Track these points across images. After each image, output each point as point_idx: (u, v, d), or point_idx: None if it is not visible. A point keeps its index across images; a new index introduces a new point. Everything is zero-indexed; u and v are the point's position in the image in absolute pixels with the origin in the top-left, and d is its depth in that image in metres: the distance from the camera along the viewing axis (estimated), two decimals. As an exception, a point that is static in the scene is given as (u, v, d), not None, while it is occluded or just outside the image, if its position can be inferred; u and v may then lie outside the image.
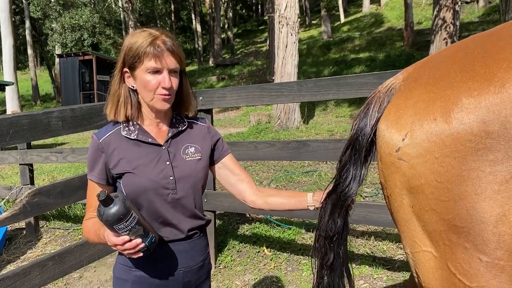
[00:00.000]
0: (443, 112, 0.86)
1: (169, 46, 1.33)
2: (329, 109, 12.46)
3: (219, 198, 3.21)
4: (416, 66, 1.07)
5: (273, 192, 1.55)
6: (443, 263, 0.89)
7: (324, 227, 1.25)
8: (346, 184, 1.16)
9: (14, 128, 1.98)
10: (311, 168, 5.85)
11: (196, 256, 1.49)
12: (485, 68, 0.85)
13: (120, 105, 1.40)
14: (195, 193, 1.47)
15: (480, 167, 0.80)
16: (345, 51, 20.05)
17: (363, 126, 1.10)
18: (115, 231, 1.17)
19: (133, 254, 1.22)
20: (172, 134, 1.45)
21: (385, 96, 1.07)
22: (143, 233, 1.22)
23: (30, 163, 4.67)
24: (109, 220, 1.14)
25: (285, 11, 8.83)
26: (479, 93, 0.83)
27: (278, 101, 2.87)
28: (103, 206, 1.15)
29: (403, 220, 0.99)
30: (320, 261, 1.29)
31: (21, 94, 21.15)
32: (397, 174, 0.96)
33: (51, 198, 2.29)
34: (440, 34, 10.33)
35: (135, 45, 1.32)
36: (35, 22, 31.97)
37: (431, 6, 16.42)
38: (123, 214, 1.15)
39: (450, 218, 0.85)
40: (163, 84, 1.32)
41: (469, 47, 0.96)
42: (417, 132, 0.90)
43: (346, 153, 1.16)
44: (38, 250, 4.42)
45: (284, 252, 3.50)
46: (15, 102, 15.45)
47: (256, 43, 35.12)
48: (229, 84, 20.60)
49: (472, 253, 0.83)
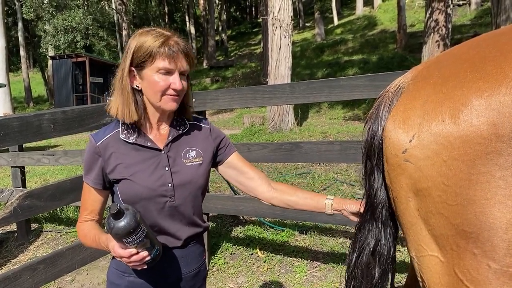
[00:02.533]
0: (452, 113, 0.83)
1: (183, 47, 1.30)
2: (323, 111, 12.50)
3: (212, 200, 3.20)
4: (426, 65, 1.03)
5: (290, 191, 1.48)
6: (450, 269, 0.86)
7: (363, 241, 1.16)
8: (375, 191, 1.10)
9: (4, 130, 1.96)
10: (304, 170, 5.86)
11: (191, 263, 1.46)
12: (496, 68, 0.81)
13: (129, 105, 1.32)
14: (194, 200, 1.43)
15: (490, 171, 0.77)
16: (338, 53, 20.13)
17: (376, 129, 1.06)
18: (122, 243, 1.15)
19: (138, 266, 1.20)
20: (173, 138, 1.40)
21: (394, 95, 1.03)
22: (150, 246, 1.20)
23: (22, 166, 4.64)
24: (119, 234, 1.13)
25: (279, 13, 8.85)
26: (489, 94, 0.79)
27: (271, 103, 2.87)
28: (114, 219, 1.13)
29: (408, 223, 0.96)
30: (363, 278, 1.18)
31: (14, 96, 20.98)
32: (403, 176, 0.93)
33: (42, 201, 2.28)
34: (433, 37, 10.41)
35: (146, 43, 1.27)
36: (27, 23, 31.78)
37: (423, 8, 16.52)
38: (133, 228, 1.13)
39: (458, 223, 0.82)
40: (173, 86, 1.29)
41: (481, 45, 0.92)
42: (425, 133, 0.87)
43: (367, 161, 1.11)
44: (30, 253, 4.38)
45: (277, 254, 3.50)
46: (7, 104, 15.34)
47: (250, 45, 35.16)
48: (223, 86, 20.60)
49: (481, 260, 0.80)
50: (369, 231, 1.14)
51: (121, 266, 1.39)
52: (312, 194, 1.46)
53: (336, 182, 5.11)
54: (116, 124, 1.39)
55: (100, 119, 2.48)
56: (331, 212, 1.40)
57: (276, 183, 1.53)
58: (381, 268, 1.13)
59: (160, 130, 1.42)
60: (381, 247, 1.12)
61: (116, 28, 33.30)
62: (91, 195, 1.39)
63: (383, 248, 1.12)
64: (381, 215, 1.11)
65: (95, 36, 30.74)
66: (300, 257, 3.40)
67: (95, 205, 1.40)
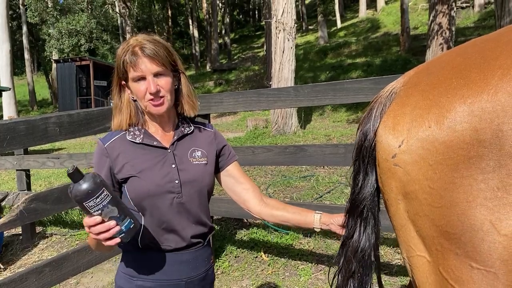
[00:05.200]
0: (437, 119, 0.87)
1: (148, 51, 1.30)
2: (326, 114, 12.50)
3: (216, 203, 3.20)
4: (417, 70, 1.07)
5: (280, 206, 1.51)
6: (435, 268, 0.90)
7: (350, 240, 1.20)
8: (360, 190, 1.14)
9: (11, 133, 1.97)
10: (308, 172, 5.86)
11: (199, 267, 1.46)
12: (480, 75, 0.84)
13: (122, 115, 1.40)
14: (200, 198, 1.44)
15: (472, 174, 0.80)
16: (341, 56, 20.13)
17: (367, 131, 1.10)
18: (86, 211, 1.11)
19: (108, 240, 1.14)
20: (178, 137, 1.43)
21: (387, 100, 1.07)
22: (117, 215, 1.14)
23: (27, 169, 4.66)
24: (78, 196, 1.09)
25: (282, 16, 8.87)
26: (472, 101, 0.82)
27: (275, 106, 2.88)
28: (73, 181, 1.09)
29: (399, 225, 1.00)
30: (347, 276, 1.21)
31: (18, 100, 21.09)
32: (393, 179, 0.97)
33: (48, 204, 2.29)
34: (436, 39, 10.40)
35: (118, 57, 1.34)
36: (32, 27, 31.97)
37: (427, 11, 16.50)
38: (91, 189, 1.09)
39: (442, 224, 0.85)
40: (148, 90, 1.31)
41: (468, 52, 0.95)
42: (413, 139, 0.91)
43: (356, 161, 1.15)
44: (35, 256, 4.40)
45: (282, 258, 3.50)
46: (11, 108, 15.43)
47: (253, 48, 35.24)
48: (226, 89, 20.64)
49: (463, 260, 0.83)
50: (351, 228, 1.19)
51: (129, 270, 1.40)
52: (301, 209, 1.48)
53: (340, 185, 5.11)
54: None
55: (105, 122, 2.49)
56: (319, 226, 1.41)
57: (268, 198, 1.56)
58: (361, 264, 1.17)
59: (165, 131, 1.45)
60: (359, 242, 1.17)
61: (120, 31, 33.47)
62: None
63: (362, 243, 1.17)
64: (362, 213, 1.16)
65: (99, 40, 30.85)
66: (305, 260, 3.40)
67: None
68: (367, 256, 1.17)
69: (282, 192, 5.19)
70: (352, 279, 1.19)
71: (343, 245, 1.22)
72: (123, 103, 1.41)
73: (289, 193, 5.11)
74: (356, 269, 1.18)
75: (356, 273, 1.18)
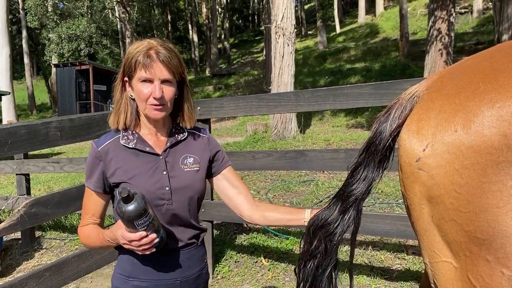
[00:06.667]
0: (464, 124, 0.85)
1: (163, 57, 1.32)
2: (326, 118, 12.52)
3: (216, 208, 3.20)
4: (441, 75, 1.06)
5: (271, 207, 1.53)
6: (463, 275, 0.87)
7: (326, 225, 1.22)
8: (354, 182, 1.15)
9: (12, 138, 1.97)
10: (308, 177, 5.86)
11: (193, 266, 1.50)
12: (508, 79, 0.83)
13: (120, 112, 1.42)
14: (191, 205, 1.46)
15: (501, 180, 0.79)
16: (340, 61, 20.19)
17: (382, 131, 1.10)
18: (133, 227, 1.20)
19: (147, 250, 1.25)
20: (171, 144, 1.45)
21: (408, 103, 1.07)
22: (157, 228, 1.26)
23: (26, 173, 4.65)
24: (131, 217, 1.17)
25: (282, 21, 8.90)
26: (501, 106, 0.81)
27: (275, 111, 2.89)
28: (124, 203, 1.17)
29: (422, 229, 0.98)
30: (310, 262, 1.24)
31: (17, 104, 21.09)
32: (416, 184, 0.95)
33: (48, 208, 2.29)
34: (435, 45, 10.43)
35: (130, 55, 1.35)
36: (32, 32, 32.01)
37: (426, 16, 16.59)
38: (144, 209, 1.18)
39: (471, 230, 0.83)
40: (153, 94, 1.32)
41: (494, 56, 0.94)
42: (438, 143, 0.89)
43: (361, 155, 1.16)
44: (34, 261, 4.39)
45: (282, 262, 3.49)
46: (11, 112, 15.42)
47: (253, 53, 35.31)
48: (226, 94, 20.67)
49: (494, 266, 0.81)
50: (332, 211, 1.21)
51: (125, 271, 1.43)
52: (293, 208, 1.51)
53: (340, 190, 5.10)
54: (117, 131, 1.45)
55: (106, 127, 2.49)
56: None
57: (260, 202, 1.58)
58: (326, 247, 1.20)
59: (158, 137, 1.47)
60: (334, 227, 1.19)
61: (120, 36, 33.49)
62: (92, 198, 1.44)
63: (336, 228, 1.19)
64: (349, 203, 1.17)
65: (98, 44, 30.93)
66: (305, 265, 3.38)
67: (96, 208, 1.45)
68: (335, 242, 1.20)
69: (282, 197, 5.19)
70: (313, 260, 1.22)
71: (320, 226, 1.23)
72: (123, 100, 1.43)
73: (289, 198, 5.10)
74: (321, 250, 1.20)
75: (318, 255, 1.21)
